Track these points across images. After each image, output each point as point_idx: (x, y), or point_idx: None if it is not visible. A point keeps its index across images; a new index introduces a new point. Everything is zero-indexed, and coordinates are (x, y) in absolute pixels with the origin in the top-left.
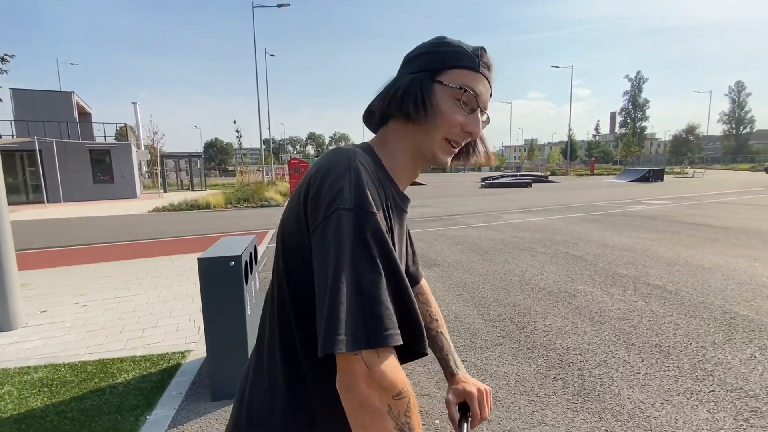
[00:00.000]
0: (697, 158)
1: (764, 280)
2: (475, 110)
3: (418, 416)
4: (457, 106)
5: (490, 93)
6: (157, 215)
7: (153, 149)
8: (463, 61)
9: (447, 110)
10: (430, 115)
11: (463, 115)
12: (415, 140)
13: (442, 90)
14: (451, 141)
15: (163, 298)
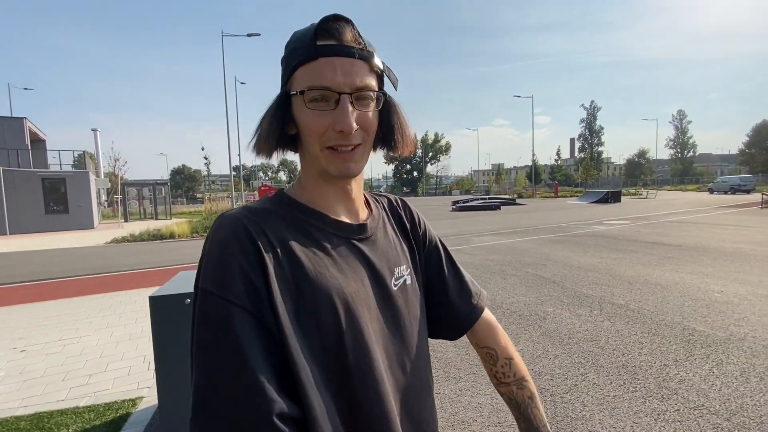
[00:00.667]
0: (649, 180)
1: (716, 295)
2: (339, 100)
3: None
4: (313, 111)
5: (365, 64)
6: (115, 247)
7: (114, 177)
8: (298, 57)
9: (306, 121)
10: (302, 136)
11: (327, 115)
12: (311, 162)
13: (296, 101)
14: (334, 147)
15: (115, 338)
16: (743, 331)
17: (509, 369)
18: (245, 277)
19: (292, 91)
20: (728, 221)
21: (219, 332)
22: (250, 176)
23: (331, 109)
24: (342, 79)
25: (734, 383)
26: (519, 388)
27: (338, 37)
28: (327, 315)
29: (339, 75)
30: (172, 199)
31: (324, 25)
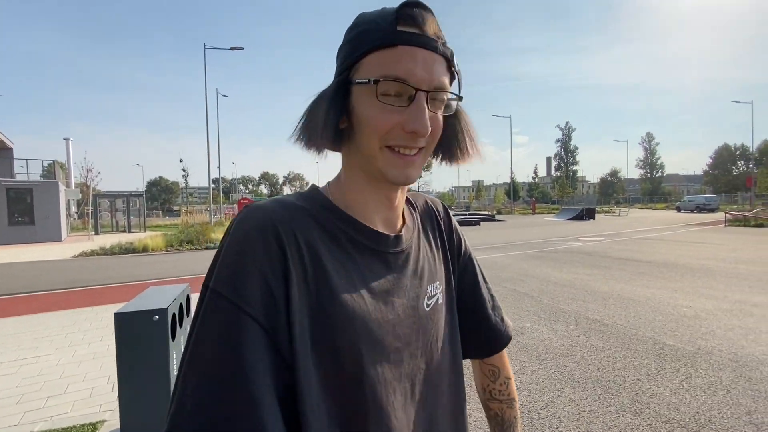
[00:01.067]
0: (621, 198)
1: (684, 310)
2: (414, 97)
3: None
4: (383, 104)
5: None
6: (83, 260)
7: (86, 188)
8: (372, 41)
9: (371, 115)
10: (358, 131)
11: (397, 112)
12: (362, 164)
13: (360, 91)
14: (395, 147)
15: (78, 357)
16: (710, 344)
17: (506, 388)
18: (265, 285)
19: (360, 79)
20: (694, 239)
21: (222, 342)
22: (229, 189)
23: (404, 106)
24: (422, 75)
25: (702, 396)
26: (508, 407)
27: (421, 27)
28: (347, 342)
29: (419, 69)
30: (147, 211)
31: (407, 10)
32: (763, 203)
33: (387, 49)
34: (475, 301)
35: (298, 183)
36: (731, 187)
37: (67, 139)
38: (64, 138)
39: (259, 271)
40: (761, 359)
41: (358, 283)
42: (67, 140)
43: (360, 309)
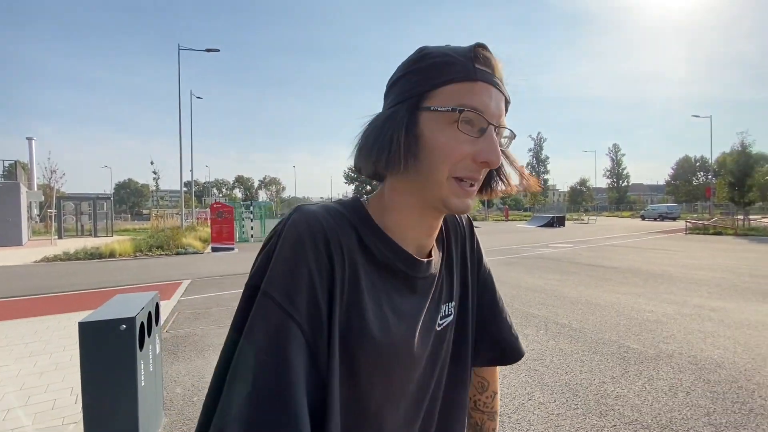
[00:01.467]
0: (590, 207)
1: (647, 314)
2: (486, 130)
3: None
4: (458, 133)
5: (504, 99)
6: (45, 266)
7: (49, 189)
8: (451, 74)
9: (445, 143)
10: (423, 158)
11: (469, 143)
12: (416, 190)
13: (432, 118)
14: (464, 179)
15: (39, 368)
16: (671, 348)
17: (491, 401)
18: (313, 297)
19: (440, 107)
20: (657, 246)
21: (270, 351)
22: (203, 192)
23: (476, 137)
24: (495, 110)
25: (664, 398)
26: (489, 419)
27: (494, 68)
28: (364, 361)
29: (494, 105)
30: (115, 215)
31: (482, 51)
32: (721, 212)
33: (467, 83)
34: (494, 316)
35: (274, 187)
36: (691, 197)
37: (30, 138)
38: (27, 137)
39: (309, 279)
40: (719, 362)
41: (384, 305)
42: (30, 140)
43: (382, 331)
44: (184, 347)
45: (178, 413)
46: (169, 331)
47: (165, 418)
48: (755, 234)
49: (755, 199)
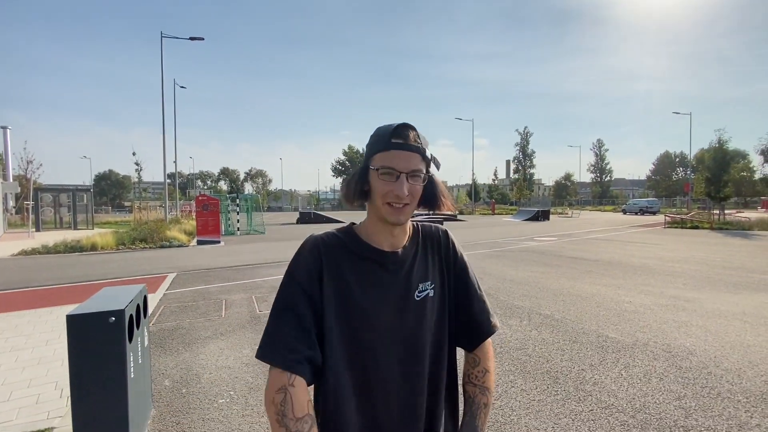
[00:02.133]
0: (574, 201)
1: (625, 305)
2: (399, 177)
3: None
4: (382, 180)
5: (419, 156)
6: (23, 259)
7: (25, 181)
8: (378, 147)
9: (377, 186)
10: (372, 195)
11: (388, 184)
12: (375, 213)
13: (372, 173)
14: (391, 203)
15: (21, 363)
16: (647, 336)
17: (483, 376)
18: (308, 272)
19: (373, 166)
20: (637, 239)
21: (284, 296)
22: (187, 184)
23: (393, 181)
24: (402, 165)
25: (639, 384)
26: (481, 393)
27: (405, 138)
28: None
29: (401, 162)
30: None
31: (397, 130)
32: (698, 207)
33: (385, 152)
34: (469, 299)
35: (261, 179)
36: (671, 192)
37: (5, 127)
38: (1, 126)
39: (306, 265)
40: (691, 350)
41: (365, 278)
42: (4, 129)
43: (362, 291)
44: (171, 340)
45: (166, 405)
46: (156, 325)
47: (154, 410)
48: (730, 228)
49: (730, 194)
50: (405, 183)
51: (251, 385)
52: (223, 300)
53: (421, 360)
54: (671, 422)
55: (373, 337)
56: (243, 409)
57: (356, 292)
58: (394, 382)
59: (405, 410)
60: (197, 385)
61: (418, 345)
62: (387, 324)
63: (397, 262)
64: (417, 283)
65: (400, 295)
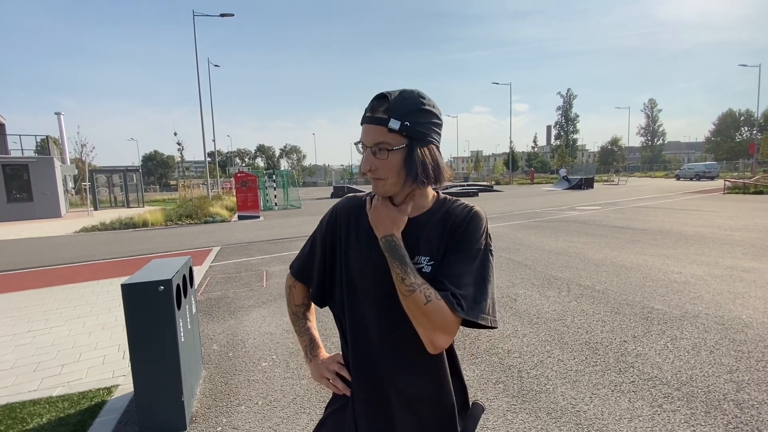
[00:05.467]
0: (621, 167)
1: (674, 276)
2: (365, 151)
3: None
4: (360, 153)
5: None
6: (84, 236)
7: (81, 163)
8: (361, 120)
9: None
10: None
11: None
12: None
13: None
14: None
15: (87, 328)
16: (698, 308)
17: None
18: (328, 225)
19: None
20: (691, 206)
21: (312, 237)
22: (226, 162)
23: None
24: (367, 138)
25: (686, 356)
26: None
27: (372, 112)
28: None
29: (367, 135)
30: (145, 186)
31: (370, 103)
32: (764, 170)
33: (362, 125)
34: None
35: (295, 155)
36: (733, 155)
37: (59, 113)
38: (56, 112)
39: (328, 220)
40: (747, 322)
41: (362, 241)
42: (58, 115)
43: (357, 254)
44: (217, 309)
45: (215, 367)
46: (203, 294)
47: (204, 371)
48: None
49: None
50: (369, 157)
51: (291, 350)
52: (264, 271)
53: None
54: (720, 396)
55: (360, 298)
56: (284, 372)
57: (354, 250)
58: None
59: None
60: (242, 349)
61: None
62: (369, 288)
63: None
64: (414, 254)
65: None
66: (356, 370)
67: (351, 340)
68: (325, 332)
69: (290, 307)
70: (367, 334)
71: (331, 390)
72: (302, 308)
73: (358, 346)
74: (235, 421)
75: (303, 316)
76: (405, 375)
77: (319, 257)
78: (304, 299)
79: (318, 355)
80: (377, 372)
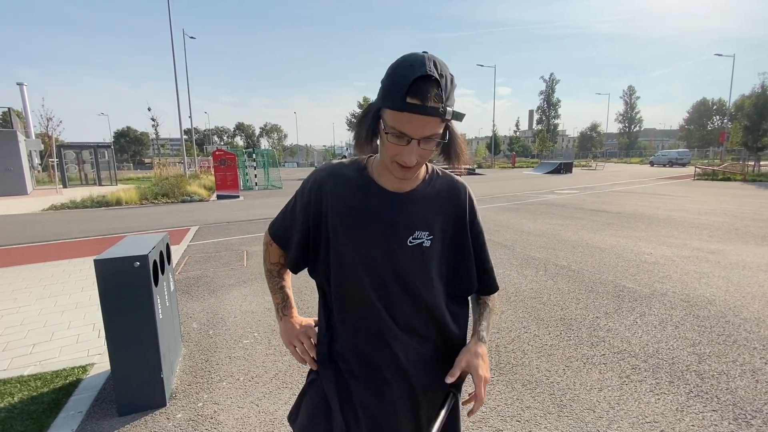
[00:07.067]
0: (599, 153)
1: (645, 256)
2: (410, 142)
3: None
4: (391, 143)
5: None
6: (54, 214)
7: (47, 138)
8: (391, 102)
9: (386, 144)
10: (380, 146)
11: (397, 148)
12: (382, 156)
13: (382, 126)
14: (399, 163)
15: (60, 307)
16: (665, 287)
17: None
18: (310, 192)
19: (383, 122)
20: (664, 191)
21: (292, 203)
22: (203, 140)
23: (403, 145)
24: (416, 131)
25: (653, 331)
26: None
27: (423, 98)
28: (343, 231)
29: (416, 127)
30: (118, 164)
31: (416, 84)
32: (732, 158)
33: (398, 112)
34: (482, 260)
35: (276, 134)
36: (705, 143)
37: (21, 84)
38: (18, 83)
39: (310, 189)
40: (710, 299)
41: (358, 205)
42: (21, 85)
43: (354, 231)
44: (197, 288)
45: (195, 345)
46: (182, 273)
47: (183, 349)
48: (764, 180)
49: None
50: (415, 149)
51: (273, 328)
52: (245, 251)
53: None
54: (683, 367)
55: (362, 268)
56: (266, 349)
57: (352, 224)
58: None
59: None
60: (223, 327)
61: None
62: (374, 264)
63: (397, 204)
64: (413, 229)
65: (392, 238)
66: (347, 340)
67: (339, 311)
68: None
69: (266, 264)
70: (364, 306)
71: (293, 356)
72: (277, 266)
73: (351, 315)
74: (216, 397)
75: (278, 275)
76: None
77: (300, 227)
78: (280, 258)
79: (290, 315)
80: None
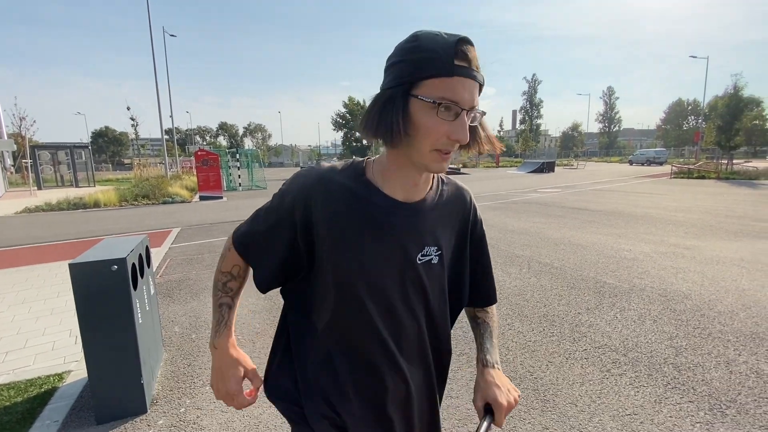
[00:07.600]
0: (580, 152)
1: (625, 253)
2: (460, 114)
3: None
4: (437, 118)
5: (478, 86)
6: (27, 216)
7: (20, 138)
8: (435, 69)
9: (428, 124)
10: (412, 134)
11: (446, 125)
12: (406, 155)
13: (419, 104)
14: (441, 150)
15: (34, 313)
16: (644, 282)
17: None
18: (295, 202)
19: (424, 97)
20: (642, 189)
21: (269, 210)
22: (185, 140)
23: (451, 120)
24: (468, 99)
25: (632, 326)
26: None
27: (470, 61)
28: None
29: (467, 94)
30: (96, 164)
31: (462, 47)
32: (707, 157)
33: (446, 78)
34: (485, 274)
35: (260, 134)
36: (681, 142)
37: None
38: None
39: (294, 198)
40: (686, 294)
41: (363, 231)
42: None
43: (359, 247)
44: (179, 290)
45: (177, 349)
46: (163, 277)
47: (165, 354)
48: (736, 177)
49: (740, 143)
50: (467, 123)
51: (257, 330)
52: None
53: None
54: (661, 360)
55: (366, 292)
56: (250, 352)
57: (353, 242)
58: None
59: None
60: (206, 331)
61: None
62: (381, 287)
63: (407, 215)
64: (423, 244)
65: (402, 256)
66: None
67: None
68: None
69: (217, 272)
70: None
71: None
72: (228, 276)
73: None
74: (199, 402)
75: (222, 288)
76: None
77: (278, 244)
78: (233, 268)
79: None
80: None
